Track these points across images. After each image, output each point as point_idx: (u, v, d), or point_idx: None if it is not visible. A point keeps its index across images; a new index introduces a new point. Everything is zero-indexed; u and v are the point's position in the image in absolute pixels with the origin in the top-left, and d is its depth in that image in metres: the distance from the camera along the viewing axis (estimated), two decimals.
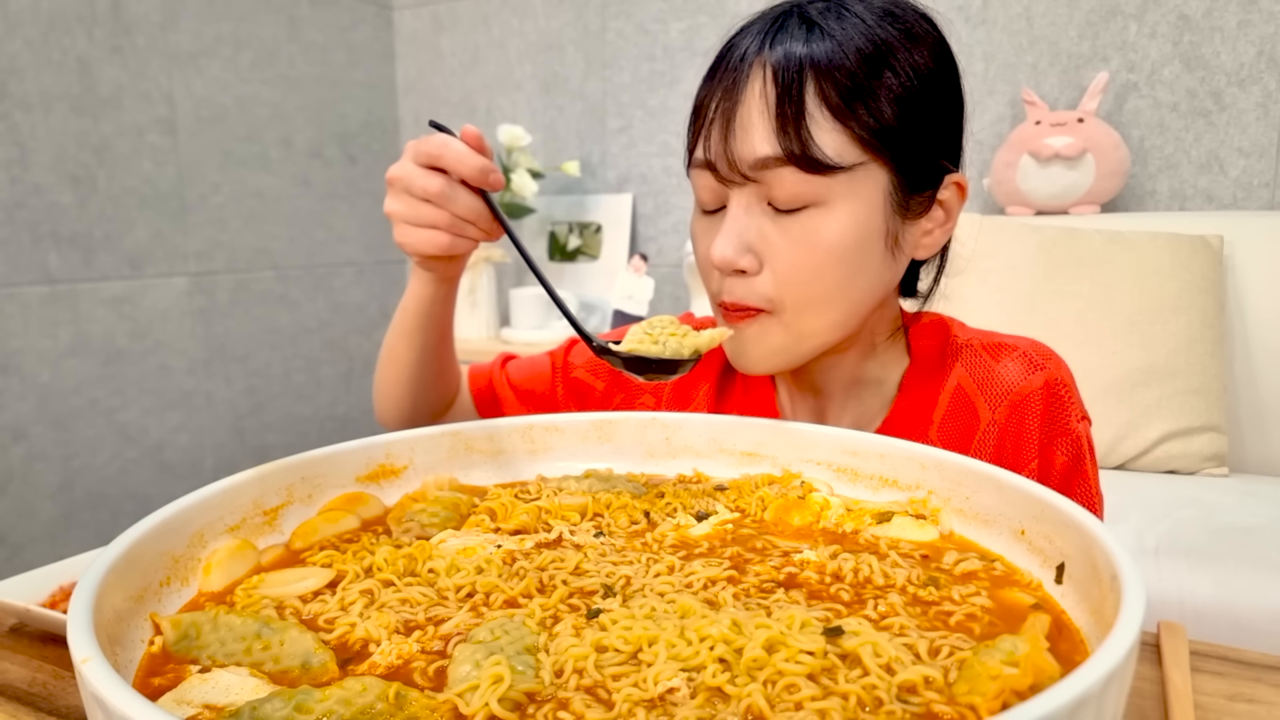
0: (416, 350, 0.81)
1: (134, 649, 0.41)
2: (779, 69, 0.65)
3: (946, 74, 0.70)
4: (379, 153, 2.61)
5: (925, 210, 0.71)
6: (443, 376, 0.85)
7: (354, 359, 2.57)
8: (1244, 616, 1.09)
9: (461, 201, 0.67)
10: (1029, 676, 0.35)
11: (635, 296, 2.20)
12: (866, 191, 0.67)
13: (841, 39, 0.65)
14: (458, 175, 0.66)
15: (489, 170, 0.66)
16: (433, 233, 0.68)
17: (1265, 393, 1.58)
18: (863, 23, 0.66)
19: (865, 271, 0.69)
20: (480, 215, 0.68)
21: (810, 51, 0.64)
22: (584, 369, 0.88)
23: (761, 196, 0.67)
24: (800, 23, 0.66)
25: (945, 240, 0.74)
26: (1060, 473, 0.75)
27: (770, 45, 0.66)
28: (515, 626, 0.42)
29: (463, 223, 0.68)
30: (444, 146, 0.66)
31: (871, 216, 0.67)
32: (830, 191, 0.66)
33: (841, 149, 0.65)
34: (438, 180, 0.66)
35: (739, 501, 0.60)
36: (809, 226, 0.66)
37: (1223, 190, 1.78)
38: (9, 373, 1.81)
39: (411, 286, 0.79)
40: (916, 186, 0.69)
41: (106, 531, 1.97)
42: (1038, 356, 0.76)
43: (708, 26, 2.22)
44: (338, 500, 0.59)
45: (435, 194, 0.66)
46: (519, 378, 0.90)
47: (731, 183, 0.68)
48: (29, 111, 1.80)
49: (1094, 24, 1.84)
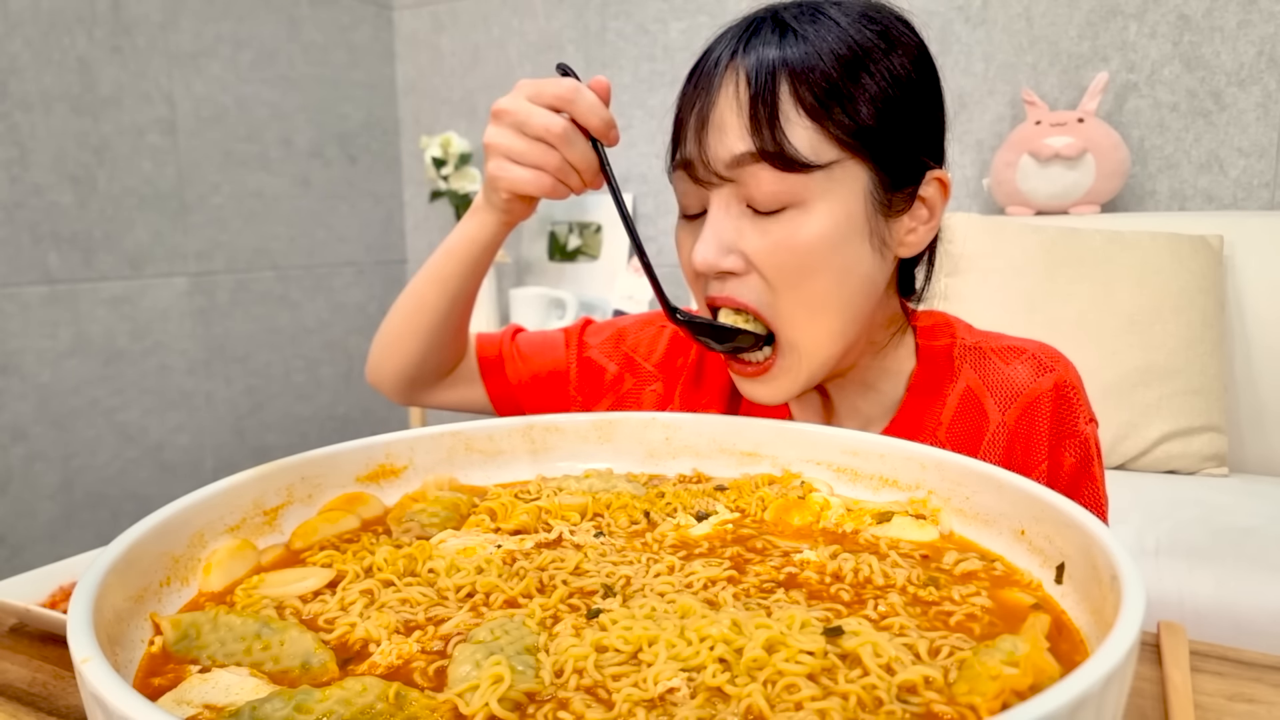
0: (449, 298, 0.79)
1: (134, 649, 0.41)
2: (752, 72, 0.65)
3: (925, 75, 0.69)
4: (379, 153, 2.61)
5: (907, 207, 0.70)
6: (461, 333, 0.84)
7: (354, 359, 2.57)
8: (1244, 616, 1.09)
9: (578, 148, 0.66)
10: (1029, 676, 0.35)
11: (635, 296, 2.20)
12: (845, 190, 0.66)
13: (815, 42, 0.65)
14: (584, 123, 0.66)
15: (613, 124, 0.67)
16: (537, 174, 0.67)
17: (1265, 393, 1.58)
18: (838, 26, 0.66)
19: (855, 272, 0.68)
20: (590, 165, 0.67)
21: (784, 55, 0.64)
22: (598, 349, 0.88)
23: (740, 197, 0.67)
24: (774, 27, 0.66)
25: (930, 238, 0.73)
26: (1069, 474, 0.75)
27: (744, 50, 0.66)
28: (515, 626, 0.42)
29: (569, 169, 0.67)
30: (577, 92, 0.65)
31: (852, 215, 0.66)
32: (808, 191, 0.65)
33: (817, 147, 0.64)
34: (560, 122, 0.65)
35: (739, 501, 0.60)
36: (789, 227, 0.66)
37: (1223, 190, 1.78)
38: (9, 373, 1.81)
39: (467, 228, 0.76)
40: (897, 184, 0.68)
41: (106, 531, 1.97)
42: (1047, 359, 0.76)
43: (708, 26, 2.22)
44: (338, 500, 0.59)
45: (556, 136, 0.65)
46: (529, 350, 0.89)
47: (709, 184, 0.67)
48: (29, 111, 1.80)
49: (1094, 24, 1.84)
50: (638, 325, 0.89)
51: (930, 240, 0.73)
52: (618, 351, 0.87)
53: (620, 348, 0.88)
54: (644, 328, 0.89)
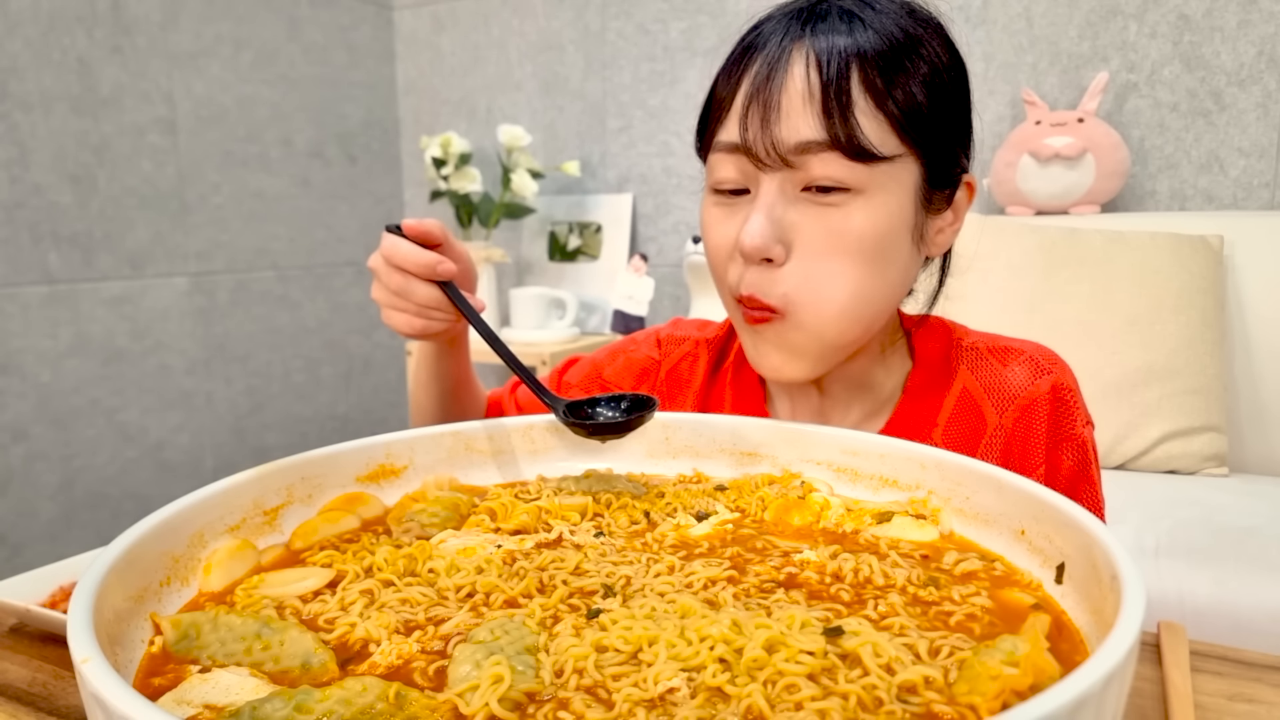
0: (436, 398, 0.87)
1: (134, 649, 0.41)
2: (823, 56, 0.65)
3: (962, 73, 0.71)
4: (379, 153, 2.61)
5: (944, 207, 0.72)
6: (465, 414, 0.90)
7: (354, 359, 2.57)
8: (1244, 616, 1.09)
9: (419, 294, 0.72)
10: (1029, 676, 0.35)
11: (635, 296, 2.20)
12: (900, 185, 0.67)
13: (880, 30, 0.66)
14: (411, 271, 0.72)
15: (436, 263, 0.71)
16: (405, 317, 0.74)
17: (1265, 393, 1.58)
18: (896, 19, 0.67)
19: (893, 265, 0.69)
20: (440, 303, 0.73)
21: (855, 42, 0.65)
22: (580, 387, 0.91)
23: (797, 182, 0.66)
24: (840, 14, 0.67)
25: (954, 240, 0.74)
26: (1066, 477, 0.75)
27: (811, 33, 0.66)
28: (515, 626, 0.42)
29: (429, 309, 0.73)
30: (394, 248, 0.72)
31: (904, 209, 0.67)
32: (870, 181, 0.65)
33: (883, 138, 0.65)
34: (396, 277, 0.72)
35: (739, 501, 0.60)
36: (843, 214, 0.66)
37: (1223, 190, 1.78)
38: (9, 373, 1.81)
39: (419, 347, 0.85)
40: (941, 182, 0.70)
41: (106, 531, 1.97)
42: (1044, 361, 0.76)
43: (708, 26, 2.22)
44: (338, 500, 0.59)
45: (396, 289, 0.73)
46: (525, 402, 0.92)
47: (767, 167, 0.67)
48: (29, 111, 1.80)
49: (1094, 24, 1.84)
50: (609, 356, 0.92)
51: (953, 243, 0.74)
52: (596, 384, 0.90)
53: (599, 381, 0.90)
54: (615, 358, 0.91)
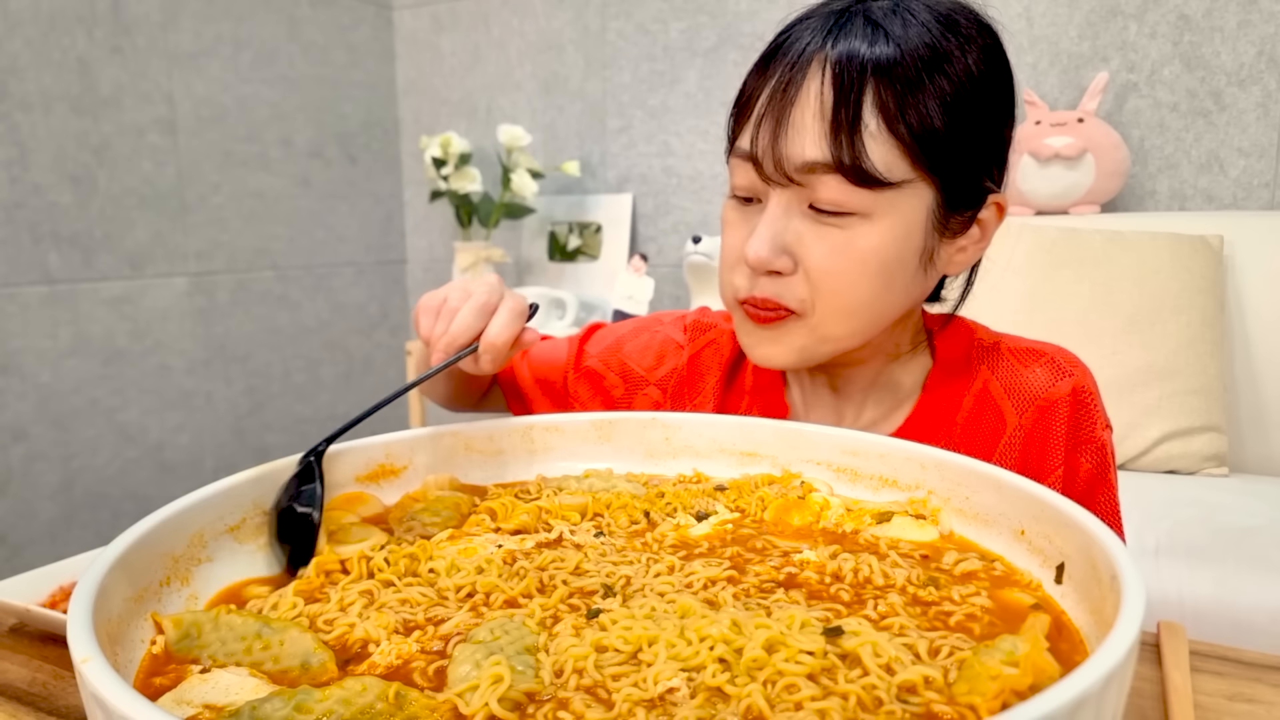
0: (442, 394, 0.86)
1: (134, 649, 0.41)
2: (839, 70, 0.63)
3: (1001, 89, 0.68)
4: (379, 153, 2.61)
5: (964, 230, 0.70)
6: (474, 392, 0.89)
7: (354, 359, 2.57)
8: (1244, 616, 1.09)
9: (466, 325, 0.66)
10: (1029, 676, 0.35)
11: (635, 296, 2.20)
12: (910, 210, 0.66)
13: (903, 45, 0.63)
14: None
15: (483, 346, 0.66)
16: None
17: (1265, 393, 1.57)
18: (926, 30, 0.64)
19: (897, 286, 0.68)
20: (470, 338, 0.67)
21: (873, 54, 0.63)
22: (598, 358, 0.88)
23: (803, 199, 0.66)
24: (865, 23, 0.65)
25: (978, 257, 0.73)
26: (1085, 480, 0.75)
27: (834, 42, 0.64)
28: (515, 626, 0.42)
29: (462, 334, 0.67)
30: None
31: (911, 234, 0.66)
32: (875, 205, 0.65)
33: (891, 164, 0.64)
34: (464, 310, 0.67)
35: (739, 501, 0.60)
36: (848, 235, 0.65)
37: (1223, 190, 1.78)
38: (9, 373, 1.81)
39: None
40: (959, 205, 0.68)
41: (106, 531, 1.97)
42: (1065, 363, 0.76)
43: (708, 26, 2.22)
44: (338, 500, 0.60)
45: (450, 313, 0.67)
46: (538, 362, 0.90)
47: (774, 182, 0.67)
48: (29, 111, 1.79)
49: (1094, 24, 1.84)
50: (633, 333, 0.90)
51: (977, 260, 0.73)
52: (615, 359, 0.88)
53: (617, 356, 0.88)
54: (638, 334, 0.89)
